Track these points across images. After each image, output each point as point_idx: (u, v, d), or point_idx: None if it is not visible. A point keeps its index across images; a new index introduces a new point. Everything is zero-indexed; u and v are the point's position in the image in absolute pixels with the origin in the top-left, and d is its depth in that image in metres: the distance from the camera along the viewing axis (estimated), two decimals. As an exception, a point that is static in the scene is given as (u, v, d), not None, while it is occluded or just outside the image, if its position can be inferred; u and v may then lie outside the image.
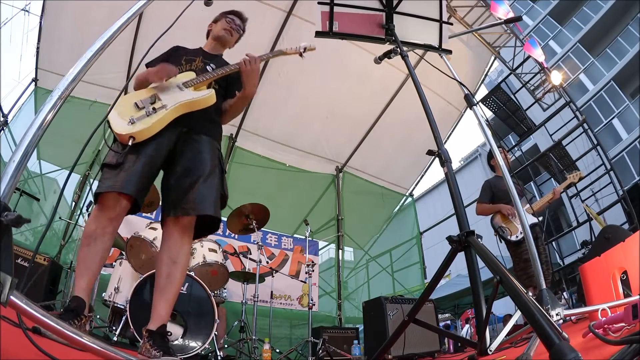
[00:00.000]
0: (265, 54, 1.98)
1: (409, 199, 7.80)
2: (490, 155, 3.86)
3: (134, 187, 1.53)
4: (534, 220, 3.41)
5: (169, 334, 1.58)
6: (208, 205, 1.63)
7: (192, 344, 2.41)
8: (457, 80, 2.01)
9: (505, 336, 1.22)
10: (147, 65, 1.94)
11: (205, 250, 3.28)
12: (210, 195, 1.66)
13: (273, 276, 4.22)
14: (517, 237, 3.32)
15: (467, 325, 9.77)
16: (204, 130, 1.79)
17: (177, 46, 2.08)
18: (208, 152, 1.74)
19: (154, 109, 1.62)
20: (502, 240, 3.42)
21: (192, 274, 2.70)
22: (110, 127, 1.61)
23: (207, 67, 1.94)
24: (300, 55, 2.01)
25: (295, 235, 6.65)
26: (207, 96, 1.73)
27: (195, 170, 1.66)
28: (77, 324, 1.39)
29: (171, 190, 1.65)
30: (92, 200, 1.61)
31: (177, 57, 1.97)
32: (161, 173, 1.76)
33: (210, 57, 2.02)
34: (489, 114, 6.99)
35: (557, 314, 1.49)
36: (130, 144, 1.52)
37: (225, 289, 3.67)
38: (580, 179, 3.83)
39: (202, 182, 1.64)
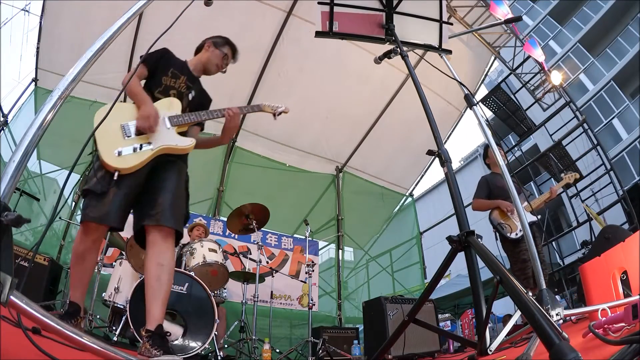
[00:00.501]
0: (245, 107, 2.13)
1: (409, 199, 7.80)
2: (486, 153, 3.80)
3: (115, 219, 1.70)
4: (533, 218, 3.38)
5: (168, 334, 1.61)
6: (180, 223, 1.82)
7: (192, 344, 2.41)
8: (457, 80, 2.01)
9: (505, 336, 1.22)
10: (143, 63, 1.97)
11: (205, 250, 3.27)
12: (180, 214, 1.84)
13: (273, 276, 4.21)
14: (516, 234, 3.25)
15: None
16: (178, 156, 1.94)
17: (167, 51, 2.06)
18: (180, 176, 1.91)
19: (141, 146, 1.74)
20: (499, 238, 3.33)
21: (192, 274, 2.70)
22: (95, 144, 1.71)
23: (189, 94, 2.06)
24: (274, 116, 2.21)
25: (295, 235, 6.65)
26: (188, 146, 1.89)
27: (170, 189, 1.82)
28: (73, 324, 1.65)
29: (150, 203, 1.77)
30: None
31: (165, 65, 2.01)
32: None
33: (193, 80, 2.12)
34: (489, 114, 6.98)
35: (557, 314, 1.49)
36: (115, 178, 1.65)
37: (225, 289, 3.66)
38: (576, 180, 3.80)
39: (175, 200, 1.81)
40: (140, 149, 1.73)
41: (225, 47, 2.22)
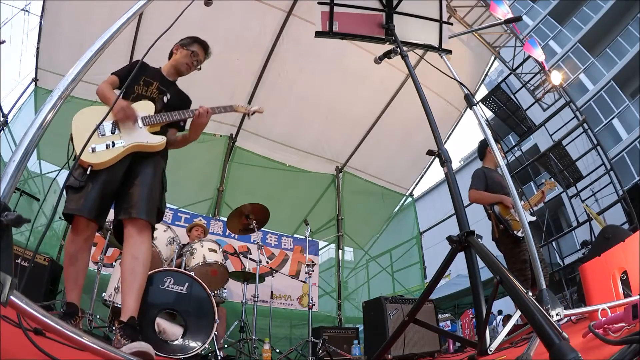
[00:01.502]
0: (217, 108, 2.15)
1: (409, 199, 7.81)
2: (482, 145, 3.70)
3: (92, 210, 1.77)
4: (532, 218, 3.32)
5: (137, 325, 1.66)
6: (153, 216, 1.87)
7: (192, 344, 2.41)
8: (457, 80, 2.01)
9: (505, 336, 1.22)
10: (114, 74, 2.08)
11: (205, 250, 3.27)
12: (154, 206, 1.90)
13: (273, 276, 4.21)
14: (522, 232, 3.03)
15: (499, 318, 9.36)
16: (156, 151, 2.01)
17: (140, 62, 1.89)
18: (156, 170, 1.98)
19: (113, 143, 1.85)
20: (499, 234, 3.16)
21: (192, 274, 2.69)
22: (72, 144, 1.80)
23: (164, 97, 2.13)
24: (248, 116, 2.29)
25: (295, 235, 6.64)
26: (159, 143, 1.98)
27: (145, 183, 1.90)
28: (73, 323, 1.71)
29: (126, 197, 1.85)
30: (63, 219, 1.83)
31: (137, 74, 2.05)
32: None
33: (167, 85, 2.18)
34: (489, 114, 6.98)
35: (557, 314, 1.49)
36: (88, 172, 1.75)
37: (225, 289, 3.66)
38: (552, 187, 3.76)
39: (150, 194, 1.88)
40: (113, 145, 1.85)
41: (193, 45, 2.26)
